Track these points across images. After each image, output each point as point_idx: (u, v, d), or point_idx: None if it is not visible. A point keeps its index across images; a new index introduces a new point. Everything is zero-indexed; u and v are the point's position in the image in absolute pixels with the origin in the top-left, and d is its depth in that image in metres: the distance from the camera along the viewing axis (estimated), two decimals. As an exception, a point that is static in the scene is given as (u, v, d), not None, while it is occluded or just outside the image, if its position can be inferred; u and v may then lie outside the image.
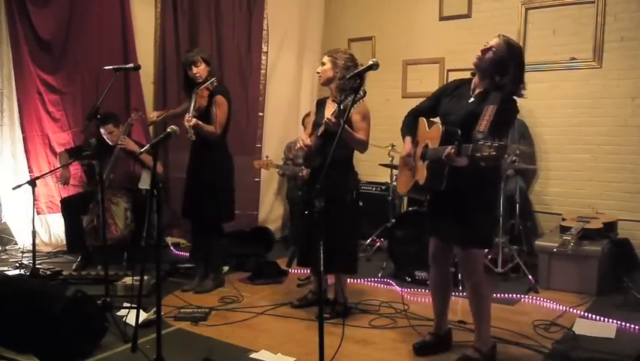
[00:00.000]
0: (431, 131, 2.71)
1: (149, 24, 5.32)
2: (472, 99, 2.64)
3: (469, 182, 2.54)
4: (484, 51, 2.57)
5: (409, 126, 2.90)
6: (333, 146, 2.35)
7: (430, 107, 2.87)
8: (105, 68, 3.43)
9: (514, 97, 2.57)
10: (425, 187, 2.66)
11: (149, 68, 5.27)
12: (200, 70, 3.87)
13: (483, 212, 2.66)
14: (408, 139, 2.88)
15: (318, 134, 3.38)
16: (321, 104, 3.60)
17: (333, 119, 3.14)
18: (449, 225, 2.68)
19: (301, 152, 3.53)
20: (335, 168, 2.65)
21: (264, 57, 5.62)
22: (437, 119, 2.80)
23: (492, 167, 2.58)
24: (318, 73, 3.50)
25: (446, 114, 2.72)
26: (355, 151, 3.49)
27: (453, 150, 2.36)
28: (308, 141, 3.44)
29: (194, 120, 3.77)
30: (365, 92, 2.86)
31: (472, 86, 2.69)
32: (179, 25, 5.38)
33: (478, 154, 2.19)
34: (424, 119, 2.83)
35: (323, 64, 3.46)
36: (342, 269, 3.46)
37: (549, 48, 4.97)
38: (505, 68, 2.54)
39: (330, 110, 3.46)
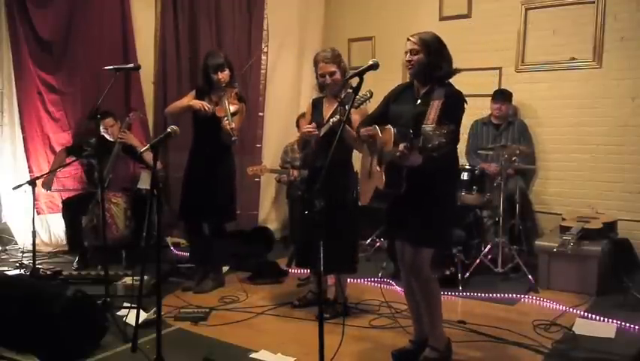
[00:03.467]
0: (384, 134, 2.69)
1: (149, 24, 5.31)
2: (418, 101, 2.67)
3: (425, 182, 2.54)
4: (410, 59, 2.65)
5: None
6: (333, 146, 2.36)
7: (380, 113, 2.87)
8: (105, 68, 3.43)
9: (457, 89, 2.64)
10: (385, 192, 2.62)
11: (149, 68, 5.26)
12: (224, 75, 3.87)
13: (436, 211, 2.63)
14: (367, 156, 2.85)
15: (321, 134, 3.38)
16: (317, 104, 3.61)
17: (343, 119, 3.17)
18: (403, 224, 2.68)
19: (312, 138, 3.45)
20: (335, 168, 2.66)
21: (264, 57, 5.62)
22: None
23: (446, 165, 2.58)
24: (330, 84, 3.44)
25: (397, 118, 2.71)
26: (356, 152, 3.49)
27: (404, 147, 2.36)
28: (312, 126, 3.41)
29: (233, 124, 3.73)
30: (372, 94, 2.89)
31: (416, 88, 2.73)
32: (179, 25, 5.37)
33: (429, 144, 2.18)
34: (377, 125, 2.81)
35: (332, 73, 3.43)
36: (341, 269, 3.47)
37: (549, 48, 4.97)
38: (435, 59, 2.61)
39: (328, 109, 3.47)
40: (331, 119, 3.29)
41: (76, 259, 4.55)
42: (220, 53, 4.06)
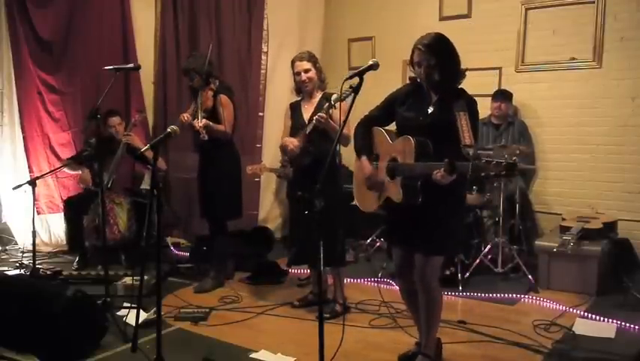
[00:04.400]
0: (398, 144, 2.59)
1: (149, 24, 5.32)
2: (431, 108, 2.57)
3: (435, 192, 2.43)
4: (427, 71, 2.51)
5: (365, 140, 2.77)
6: (334, 143, 2.38)
7: (382, 115, 2.75)
8: (105, 68, 3.43)
9: (469, 94, 2.56)
10: (403, 205, 2.51)
11: (149, 68, 5.27)
12: (195, 82, 3.96)
13: (445, 219, 2.57)
14: (364, 159, 2.72)
15: (307, 132, 3.39)
16: (295, 108, 3.65)
17: (325, 116, 3.21)
18: (413, 234, 2.59)
19: (291, 153, 3.51)
20: (323, 163, 2.67)
21: (264, 57, 5.62)
22: (393, 126, 2.74)
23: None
24: (305, 81, 3.48)
25: (407, 124, 2.61)
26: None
27: (445, 170, 2.24)
28: (296, 142, 3.46)
29: (204, 121, 3.81)
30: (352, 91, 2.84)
31: (427, 93, 2.62)
32: (179, 25, 5.37)
33: (484, 173, 2.12)
34: (381, 129, 2.73)
35: (307, 70, 3.47)
36: (331, 262, 3.46)
37: (549, 48, 4.97)
38: (447, 64, 2.52)
39: (307, 110, 3.52)
40: (314, 118, 3.30)
41: (77, 259, 4.56)
42: (187, 60, 4.16)
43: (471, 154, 2.21)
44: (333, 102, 3.18)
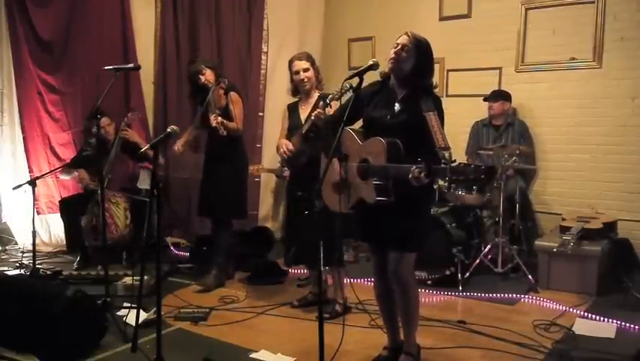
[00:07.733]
0: (369, 145, 2.55)
1: (149, 24, 5.31)
2: (397, 105, 2.56)
3: (406, 191, 2.39)
4: (398, 52, 2.49)
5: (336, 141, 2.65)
6: (335, 143, 2.36)
7: (350, 115, 2.62)
8: (105, 68, 3.44)
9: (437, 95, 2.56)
10: (376, 205, 2.47)
11: (149, 68, 5.26)
12: (207, 75, 4.00)
13: (417, 216, 2.57)
14: (335, 161, 2.61)
15: (303, 132, 3.37)
16: (293, 109, 3.64)
17: (322, 112, 3.18)
18: (385, 232, 2.57)
19: (282, 157, 3.51)
20: (319, 162, 2.63)
21: (264, 57, 5.62)
22: (356, 125, 2.72)
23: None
24: (303, 80, 3.49)
25: (374, 123, 2.59)
26: None
27: (422, 173, 2.21)
28: (290, 146, 3.44)
29: (219, 118, 3.85)
30: (351, 86, 2.78)
31: (392, 89, 2.60)
32: (179, 25, 5.37)
33: (462, 177, 2.10)
34: (349, 129, 2.69)
35: (306, 70, 3.47)
36: (331, 263, 3.46)
37: (549, 48, 4.97)
38: (421, 65, 2.51)
39: (305, 111, 3.52)
40: (312, 115, 3.28)
41: (77, 259, 4.56)
42: (197, 60, 4.27)
43: (447, 156, 2.20)
44: (328, 101, 3.16)
